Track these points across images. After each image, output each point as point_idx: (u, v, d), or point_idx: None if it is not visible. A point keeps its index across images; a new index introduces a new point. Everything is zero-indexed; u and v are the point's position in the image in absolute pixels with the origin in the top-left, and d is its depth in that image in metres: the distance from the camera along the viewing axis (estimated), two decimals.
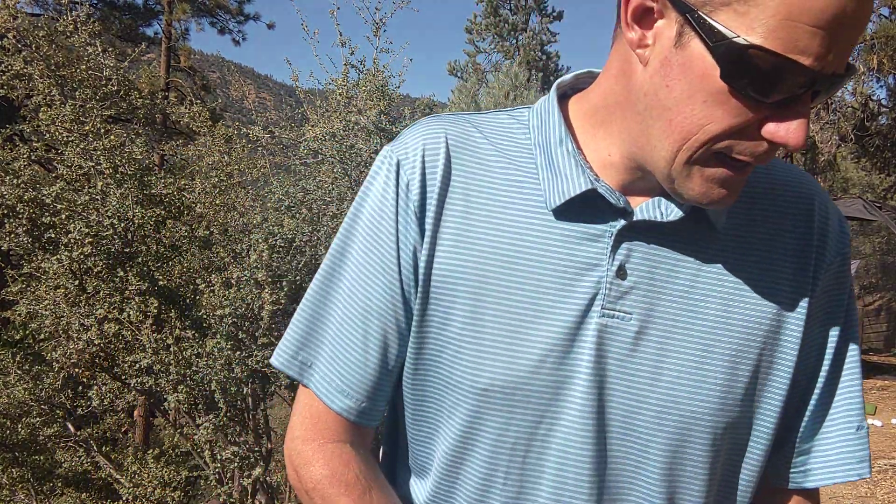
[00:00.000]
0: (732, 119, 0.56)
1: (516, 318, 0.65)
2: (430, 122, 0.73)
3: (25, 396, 5.51)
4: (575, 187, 0.65)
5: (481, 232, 0.67)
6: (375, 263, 0.70)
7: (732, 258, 0.67)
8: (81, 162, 4.92)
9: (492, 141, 0.71)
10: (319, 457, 0.71)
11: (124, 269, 4.86)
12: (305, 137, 6.39)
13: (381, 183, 0.71)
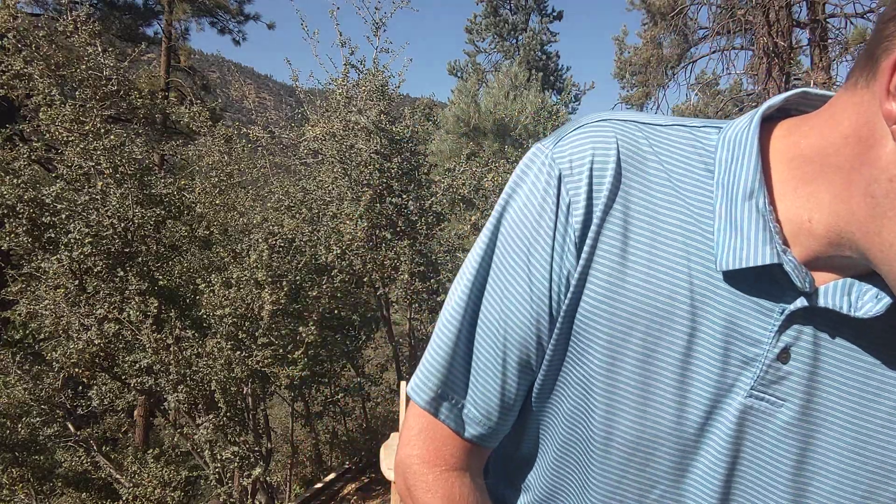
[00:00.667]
0: None
1: (656, 378, 0.58)
2: (602, 124, 0.60)
3: (25, 396, 5.51)
4: (757, 257, 0.54)
5: (638, 275, 0.58)
6: (523, 292, 0.62)
7: None
8: (81, 162, 4.92)
9: (663, 162, 0.59)
10: (440, 486, 0.67)
11: (124, 269, 4.86)
12: (305, 137, 6.39)
13: (539, 198, 0.60)
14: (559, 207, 0.59)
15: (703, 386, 0.57)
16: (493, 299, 0.64)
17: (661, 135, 0.61)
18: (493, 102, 12.79)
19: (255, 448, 5.23)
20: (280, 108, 7.37)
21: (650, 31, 13.35)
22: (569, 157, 0.59)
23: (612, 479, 0.62)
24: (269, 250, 4.90)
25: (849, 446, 0.56)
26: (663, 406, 0.58)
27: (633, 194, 0.59)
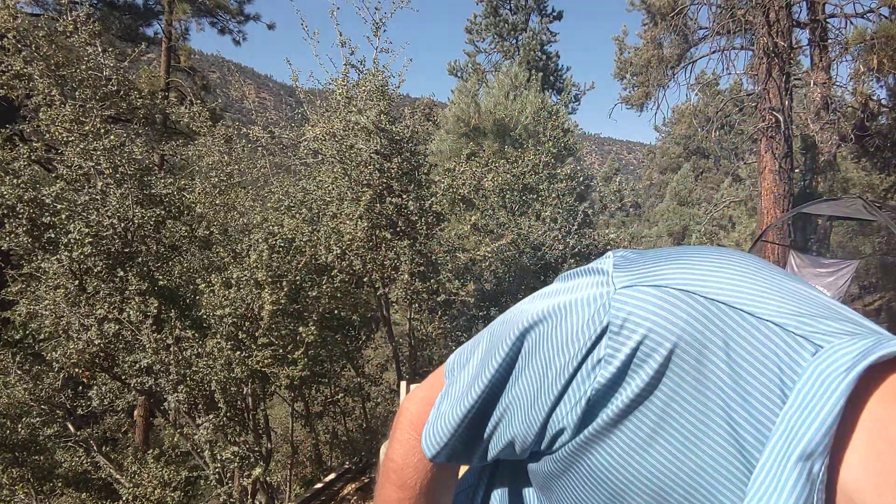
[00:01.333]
0: None
1: None
2: (683, 298, 0.52)
3: (25, 396, 5.51)
4: None
5: (645, 483, 0.54)
6: (527, 406, 0.62)
7: None
8: (81, 162, 4.92)
9: (733, 368, 0.50)
10: (410, 447, 0.75)
11: (124, 269, 4.86)
12: (305, 137, 6.39)
13: (573, 336, 0.56)
14: (588, 357, 0.55)
15: None
16: (506, 397, 0.65)
17: (746, 331, 0.50)
18: (493, 102, 12.78)
19: (255, 448, 5.23)
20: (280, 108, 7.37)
21: (650, 31, 13.35)
22: (625, 316, 0.54)
23: None
24: (269, 250, 4.90)
25: None
26: None
27: (678, 390, 0.52)
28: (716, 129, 12.81)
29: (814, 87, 11.92)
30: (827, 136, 12.40)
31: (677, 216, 22.26)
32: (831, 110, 12.02)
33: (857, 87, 11.91)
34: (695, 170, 24.74)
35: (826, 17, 11.82)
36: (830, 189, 13.22)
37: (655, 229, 23.49)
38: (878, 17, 10.97)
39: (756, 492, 0.46)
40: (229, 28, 16.05)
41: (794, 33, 11.91)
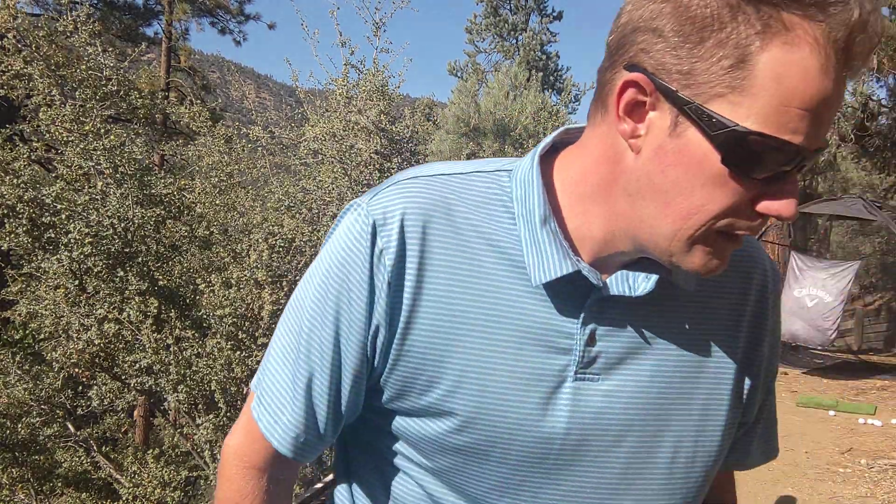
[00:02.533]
0: (731, 199, 0.61)
1: (498, 387, 0.70)
2: (413, 181, 0.72)
3: (25, 396, 5.51)
4: (560, 269, 0.68)
5: (463, 305, 0.69)
6: (330, 331, 0.72)
7: (692, 322, 0.73)
8: (81, 162, 4.92)
9: (471, 209, 0.71)
10: (237, 479, 0.78)
11: (124, 269, 4.86)
12: (305, 137, 6.39)
13: (353, 245, 0.70)
14: (373, 253, 0.69)
15: (539, 383, 0.70)
16: (318, 331, 0.73)
17: (465, 184, 0.73)
18: (493, 102, 12.79)
19: None
20: (280, 108, 7.36)
21: None
22: (382, 210, 0.70)
23: (475, 478, 0.73)
24: (269, 250, 4.90)
25: (660, 399, 0.72)
26: (509, 408, 0.70)
27: (448, 241, 0.70)
28: None
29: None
30: (827, 136, 12.39)
31: None
32: None
33: (857, 87, 11.92)
34: None
35: None
36: (830, 189, 13.23)
37: None
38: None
39: (530, 259, 0.69)
40: (229, 28, 16.05)
41: None
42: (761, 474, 4.80)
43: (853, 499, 4.33)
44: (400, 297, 0.69)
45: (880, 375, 8.06)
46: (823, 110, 0.59)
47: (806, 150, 0.59)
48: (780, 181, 0.61)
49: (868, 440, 5.55)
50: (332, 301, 0.72)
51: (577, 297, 0.70)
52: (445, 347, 0.70)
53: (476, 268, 0.70)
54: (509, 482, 0.72)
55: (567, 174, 0.72)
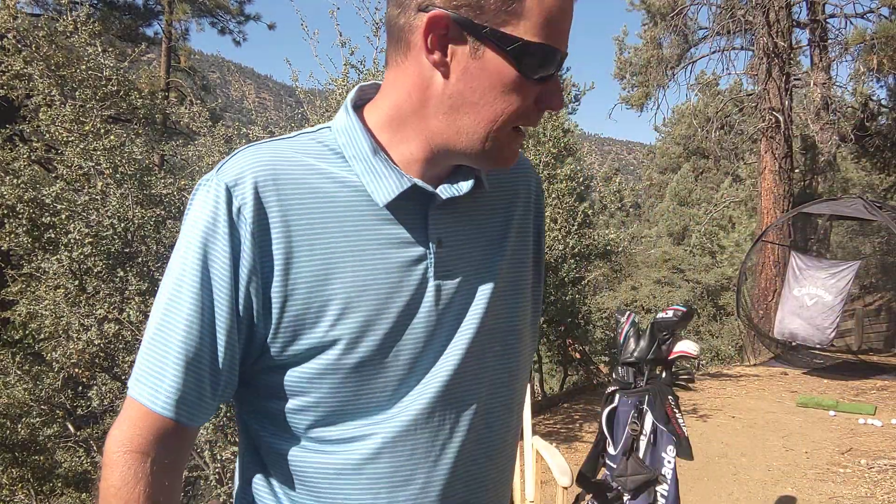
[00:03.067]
0: (524, 100, 0.79)
1: (375, 302, 0.81)
2: (251, 149, 0.83)
3: (25, 397, 5.51)
4: (399, 185, 0.82)
5: (328, 240, 0.80)
6: (211, 279, 0.78)
7: (497, 204, 0.94)
8: (81, 162, 4.91)
9: (311, 158, 0.84)
10: (120, 464, 0.79)
11: (124, 269, 4.86)
12: None
13: (212, 211, 0.78)
14: (231, 212, 0.78)
15: (406, 289, 0.82)
16: (187, 292, 0.79)
17: (297, 143, 0.85)
18: None
19: None
20: (280, 108, 7.36)
21: (650, 31, 13.34)
22: (233, 176, 0.79)
23: (377, 382, 0.82)
24: None
25: (493, 274, 0.89)
26: (385, 317, 0.81)
27: (298, 188, 0.80)
28: (716, 130, 12.80)
29: (814, 88, 11.92)
30: (827, 136, 12.39)
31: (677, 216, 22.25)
32: (831, 110, 12.02)
33: (857, 87, 11.91)
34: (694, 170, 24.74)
35: (826, 17, 11.82)
36: (830, 189, 13.22)
37: (655, 229, 23.49)
38: (878, 17, 10.97)
39: (371, 186, 0.82)
40: (229, 28, 16.05)
41: (794, 33, 11.90)
42: (761, 474, 4.80)
43: (853, 499, 4.33)
44: (268, 245, 0.78)
45: (880, 375, 8.05)
46: (567, 22, 0.80)
47: (563, 53, 0.79)
48: (549, 81, 0.80)
49: (868, 440, 5.54)
50: (197, 261, 0.78)
51: (419, 211, 0.84)
52: (325, 279, 0.79)
53: (331, 206, 0.81)
54: (402, 383, 0.82)
55: (379, 115, 0.85)
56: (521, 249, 0.96)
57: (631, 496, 2.62)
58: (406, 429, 0.82)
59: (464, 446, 0.86)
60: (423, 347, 0.83)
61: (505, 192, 0.96)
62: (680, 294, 15.96)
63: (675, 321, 2.71)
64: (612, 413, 2.72)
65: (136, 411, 0.80)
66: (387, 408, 0.82)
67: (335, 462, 0.83)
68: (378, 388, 0.82)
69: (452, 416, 0.85)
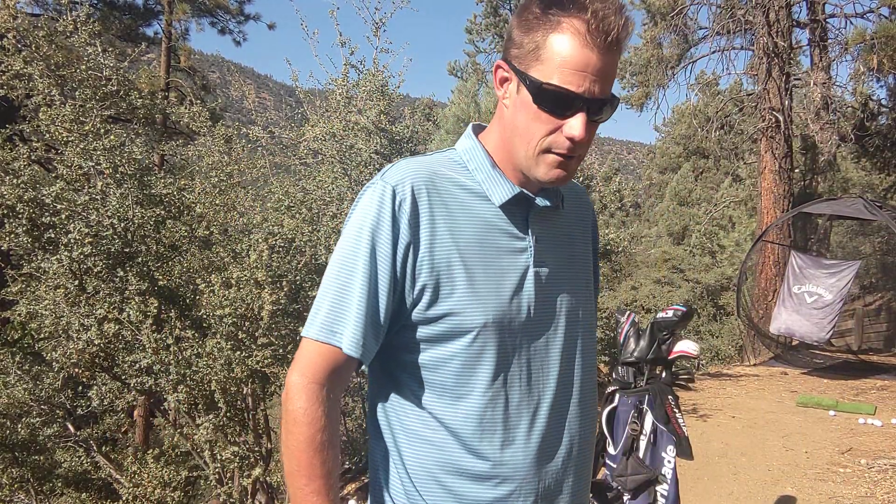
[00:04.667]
0: (545, 127, 1.05)
1: (493, 277, 1.10)
2: (406, 161, 1.12)
3: (25, 396, 5.51)
4: (511, 190, 1.13)
5: (461, 228, 1.09)
6: (377, 253, 1.07)
7: (572, 224, 1.25)
8: (81, 162, 4.91)
9: (446, 170, 1.14)
10: (306, 391, 1.05)
11: (124, 269, 4.86)
12: (305, 137, 6.38)
13: (378, 201, 1.07)
14: (395, 205, 1.07)
15: (515, 271, 1.12)
16: (362, 261, 1.06)
17: (436, 159, 1.16)
18: (493, 102, 12.77)
19: (256, 448, 5.23)
20: (280, 108, 7.35)
21: (650, 31, 13.33)
22: (395, 180, 1.09)
23: (497, 343, 1.09)
24: (269, 250, 4.90)
25: (572, 272, 1.22)
26: (502, 291, 1.10)
27: (439, 193, 1.10)
28: (716, 129, 12.79)
29: (814, 87, 11.91)
30: (827, 136, 12.38)
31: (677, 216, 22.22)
32: (831, 110, 12.01)
33: (857, 87, 11.89)
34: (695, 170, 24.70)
35: (826, 17, 11.81)
36: (830, 189, 13.21)
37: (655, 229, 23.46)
38: (878, 17, 10.96)
39: (491, 190, 1.15)
40: (229, 28, 16.04)
41: (794, 33, 11.89)
42: (761, 474, 4.80)
43: (853, 499, 4.32)
44: (417, 231, 1.07)
45: (880, 375, 8.05)
46: (590, 69, 1.01)
47: (581, 96, 1.02)
48: (574, 117, 1.03)
49: (868, 440, 5.54)
50: (367, 239, 1.06)
51: (523, 213, 1.15)
52: (452, 261, 1.07)
53: (462, 204, 1.11)
54: (509, 353, 1.10)
55: (492, 139, 1.16)
56: (585, 257, 1.27)
57: (631, 496, 2.62)
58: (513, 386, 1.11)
59: (553, 409, 1.15)
60: (525, 325, 1.12)
61: (577, 215, 1.28)
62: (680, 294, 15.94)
63: (675, 321, 2.71)
64: (612, 413, 2.72)
65: (317, 353, 1.06)
66: (505, 370, 1.10)
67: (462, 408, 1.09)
68: (493, 355, 1.08)
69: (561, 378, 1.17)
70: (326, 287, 1.09)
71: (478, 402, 1.08)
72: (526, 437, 1.10)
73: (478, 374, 1.08)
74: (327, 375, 1.05)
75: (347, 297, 1.06)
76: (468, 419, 1.08)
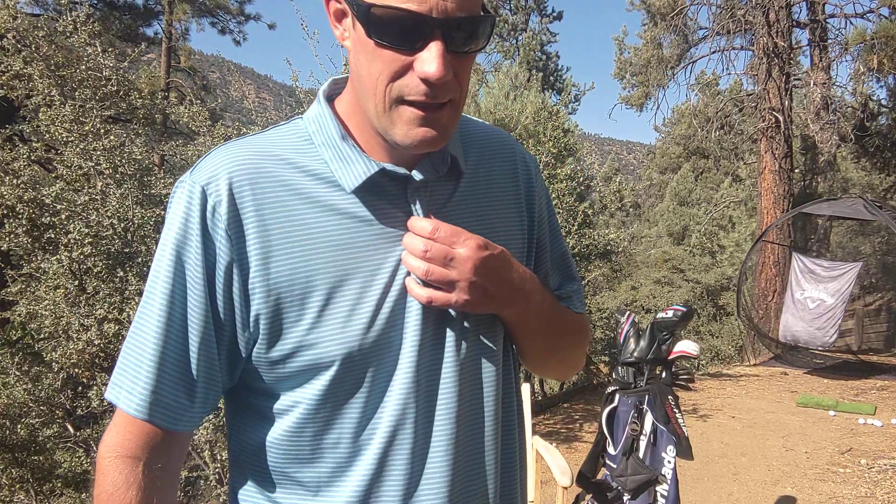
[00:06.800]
0: (388, 65, 0.73)
1: (356, 290, 0.79)
2: (226, 147, 0.82)
3: (25, 397, 5.50)
4: (367, 170, 0.80)
5: (305, 234, 0.78)
6: (186, 280, 0.78)
7: (476, 191, 0.90)
8: (81, 162, 4.91)
9: (287, 152, 0.83)
10: (111, 471, 0.78)
11: (124, 269, 4.86)
12: None
13: (183, 210, 0.77)
14: (205, 210, 0.76)
15: (387, 275, 0.81)
16: (160, 295, 0.78)
17: (268, 138, 0.84)
18: (493, 102, 12.77)
19: None
20: (280, 108, 7.36)
21: (650, 31, 13.34)
22: (207, 176, 0.78)
23: (371, 371, 0.80)
24: None
25: None
26: (368, 309, 0.79)
27: (271, 186, 0.79)
28: (716, 129, 12.80)
29: (814, 87, 11.91)
30: (827, 136, 12.38)
31: (677, 216, 22.23)
32: (831, 110, 12.01)
33: (857, 87, 11.90)
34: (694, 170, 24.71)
35: (826, 17, 11.81)
36: (830, 189, 13.21)
37: (655, 229, 23.47)
38: (878, 17, 10.96)
39: (340, 171, 0.82)
40: (229, 28, 16.04)
41: (794, 33, 11.89)
42: (761, 474, 4.80)
43: (853, 499, 4.32)
44: (243, 243, 0.76)
45: (880, 375, 8.05)
46: None
47: (427, 16, 0.70)
48: (426, 48, 0.72)
49: (868, 440, 5.54)
50: (169, 266, 0.77)
51: (398, 192, 0.83)
52: (305, 272, 0.77)
53: (306, 198, 0.80)
54: (389, 394, 0.80)
55: (342, 102, 0.86)
56: (510, 232, 0.92)
57: (631, 496, 2.62)
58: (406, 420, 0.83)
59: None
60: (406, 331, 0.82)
61: (493, 176, 0.93)
62: (680, 294, 15.94)
63: (675, 321, 2.71)
64: (612, 413, 2.72)
65: (122, 416, 0.80)
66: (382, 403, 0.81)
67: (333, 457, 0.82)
68: (376, 379, 0.80)
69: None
70: (130, 335, 0.81)
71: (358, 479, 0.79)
72: None
73: (348, 433, 0.79)
74: (141, 447, 0.78)
75: (142, 343, 0.78)
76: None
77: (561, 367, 1.07)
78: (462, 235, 0.80)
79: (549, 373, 1.17)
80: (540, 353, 0.97)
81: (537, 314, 0.90)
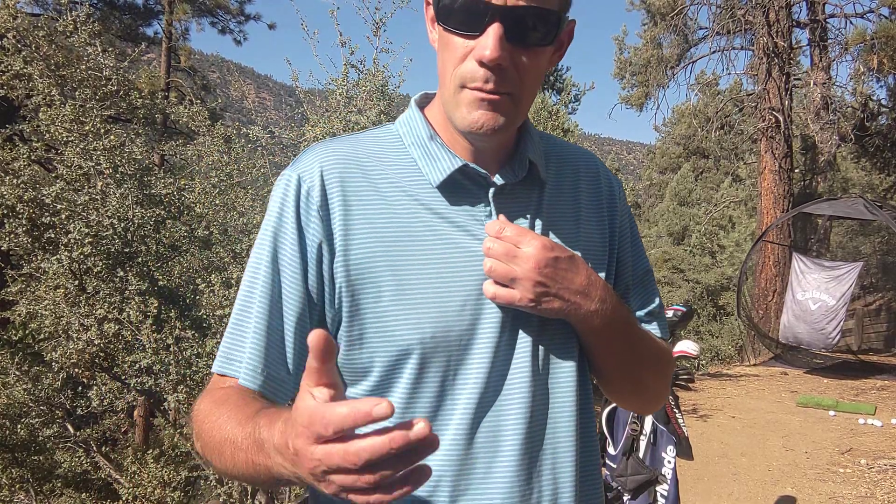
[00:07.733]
0: (454, 52, 0.80)
1: (433, 279, 0.83)
2: (319, 147, 0.90)
3: (25, 397, 5.50)
4: (451, 164, 0.86)
5: (391, 217, 0.85)
6: (280, 260, 0.85)
7: (560, 201, 0.94)
8: (81, 162, 4.91)
9: (375, 148, 0.90)
10: (203, 401, 0.84)
11: (124, 269, 4.86)
12: (305, 137, 6.38)
13: (280, 196, 0.86)
14: (300, 196, 0.84)
15: (468, 271, 0.84)
16: (263, 272, 0.85)
17: (360, 138, 0.93)
18: None
19: None
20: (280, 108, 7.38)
21: (650, 31, 13.33)
22: (303, 168, 0.86)
23: (439, 366, 0.83)
24: None
25: None
26: (453, 294, 0.83)
27: (358, 178, 0.86)
28: (716, 129, 12.80)
29: (814, 87, 11.91)
30: (827, 136, 12.38)
31: (677, 216, 22.23)
32: (831, 110, 12.01)
33: (857, 87, 11.90)
34: (695, 170, 24.71)
35: (826, 17, 11.81)
36: (830, 189, 13.21)
37: (655, 229, 23.47)
38: (878, 17, 10.96)
39: (426, 167, 0.89)
40: (230, 28, 16.04)
41: (794, 33, 11.89)
42: (761, 474, 4.80)
43: (853, 499, 4.32)
44: (329, 224, 0.83)
45: (880, 375, 8.05)
46: None
47: (487, 2, 0.75)
48: (484, 34, 0.77)
49: (868, 440, 5.54)
50: (268, 244, 0.85)
51: (480, 194, 0.88)
52: (375, 259, 0.83)
53: (390, 190, 0.86)
54: (457, 385, 0.83)
55: (433, 107, 0.93)
56: (590, 243, 0.95)
57: (631, 496, 2.62)
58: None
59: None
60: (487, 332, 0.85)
61: (578, 187, 0.97)
62: (680, 294, 15.95)
63: (675, 321, 2.71)
64: (612, 413, 2.72)
65: (217, 385, 0.86)
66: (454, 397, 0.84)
67: None
68: (442, 366, 0.83)
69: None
70: (233, 315, 0.87)
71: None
72: None
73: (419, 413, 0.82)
74: None
75: (246, 317, 0.84)
76: None
77: (638, 397, 1.03)
78: (528, 235, 0.82)
79: (626, 401, 1.13)
80: (613, 372, 0.95)
81: (608, 323, 0.87)
